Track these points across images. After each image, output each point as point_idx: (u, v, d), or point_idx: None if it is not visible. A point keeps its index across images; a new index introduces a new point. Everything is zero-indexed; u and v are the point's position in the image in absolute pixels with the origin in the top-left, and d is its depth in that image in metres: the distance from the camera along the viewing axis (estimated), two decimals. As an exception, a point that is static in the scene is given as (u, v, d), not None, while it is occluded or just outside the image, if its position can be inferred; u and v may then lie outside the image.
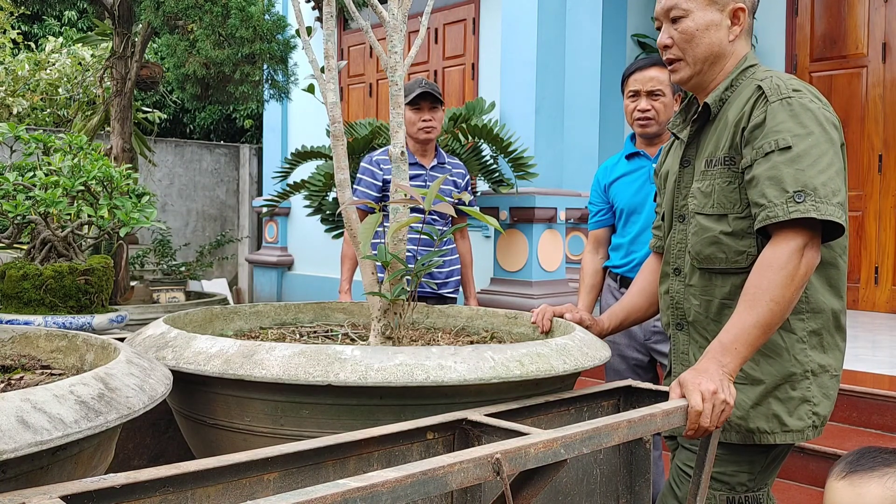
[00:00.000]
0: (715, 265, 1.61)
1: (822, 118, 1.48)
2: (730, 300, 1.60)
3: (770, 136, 1.48)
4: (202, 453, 1.54)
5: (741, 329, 1.41)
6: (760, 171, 1.48)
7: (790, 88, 1.51)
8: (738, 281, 1.57)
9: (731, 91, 1.63)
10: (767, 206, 1.45)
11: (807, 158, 1.44)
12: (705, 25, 1.61)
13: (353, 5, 1.82)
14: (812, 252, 1.43)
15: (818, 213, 1.41)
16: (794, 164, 1.44)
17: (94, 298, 2.49)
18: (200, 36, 4.60)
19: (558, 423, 1.50)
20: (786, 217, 1.42)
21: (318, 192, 4.80)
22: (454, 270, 3.35)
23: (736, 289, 1.57)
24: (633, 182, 2.61)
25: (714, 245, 1.60)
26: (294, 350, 1.38)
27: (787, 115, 1.48)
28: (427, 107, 3.15)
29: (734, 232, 1.57)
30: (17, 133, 2.55)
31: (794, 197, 1.42)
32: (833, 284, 1.58)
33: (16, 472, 0.94)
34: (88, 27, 10.22)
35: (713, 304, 1.63)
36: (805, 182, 1.42)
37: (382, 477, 0.93)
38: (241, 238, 9.55)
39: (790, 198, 1.43)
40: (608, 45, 5.47)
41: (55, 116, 8.07)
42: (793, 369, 1.55)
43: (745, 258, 1.56)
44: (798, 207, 1.42)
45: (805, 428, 1.56)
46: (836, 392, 1.61)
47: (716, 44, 1.62)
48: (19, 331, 1.53)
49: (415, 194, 1.61)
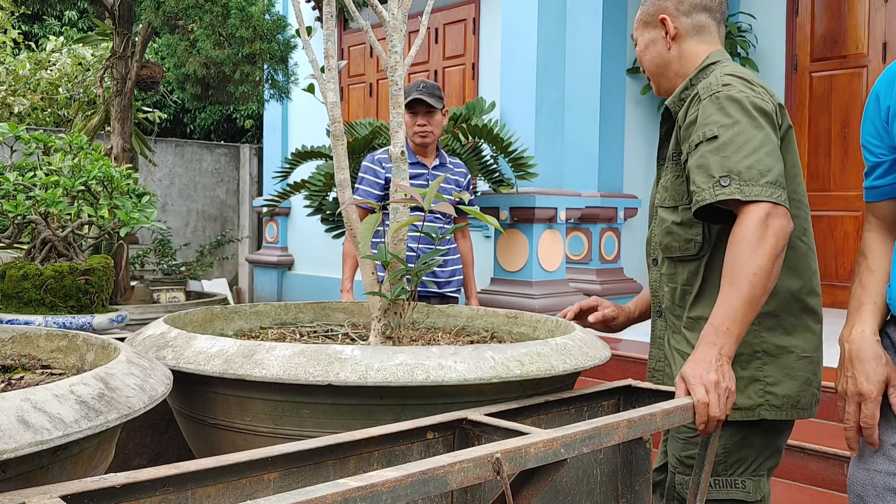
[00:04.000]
0: (672, 253, 1.72)
1: (749, 106, 1.56)
2: (688, 286, 1.69)
3: (700, 129, 1.59)
4: (202, 453, 1.54)
5: (728, 308, 1.45)
6: (692, 162, 1.59)
7: (720, 84, 1.61)
8: (692, 268, 1.68)
9: (689, 91, 1.73)
10: (697, 191, 1.55)
11: (731, 146, 1.53)
12: (645, 45, 1.83)
13: (353, 5, 1.82)
14: (779, 220, 1.48)
15: (742, 195, 1.48)
16: (719, 152, 1.53)
17: (94, 298, 2.49)
18: (200, 36, 4.60)
19: (558, 422, 1.51)
20: (712, 199, 1.51)
21: (318, 192, 4.80)
22: (457, 270, 3.36)
23: (692, 275, 1.68)
24: None
25: (669, 235, 1.72)
26: (294, 350, 1.38)
27: (714, 109, 1.58)
28: (422, 111, 3.14)
29: (682, 222, 1.68)
30: (18, 133, 2.55)
31: (720, 181, 1.51)
32: (790, 266, 1.63)
33: (16, 471, 0.94)
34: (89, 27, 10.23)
35: (677, 290, 1.73)
36: (730, 167, 1.51)
37: (382, 477, 0.93)
38: (242, 238, 9.55)
39: (716, 182, 1.51)
40: (608, 45, 5.47)
41: (55, 116, 8.07)
42: (740, 349, 1.59)
43: (693, 246, 1.67)
44: (724, 191, 1.49)
45: (755, 406, 1.60)
46: (813, 374, 1.65)
47: (657, 57, 1.81)
48: (19, 330, 1.53)
49: (415, 194, 1.61)
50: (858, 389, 1.42)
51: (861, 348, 1.43)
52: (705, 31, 1.78)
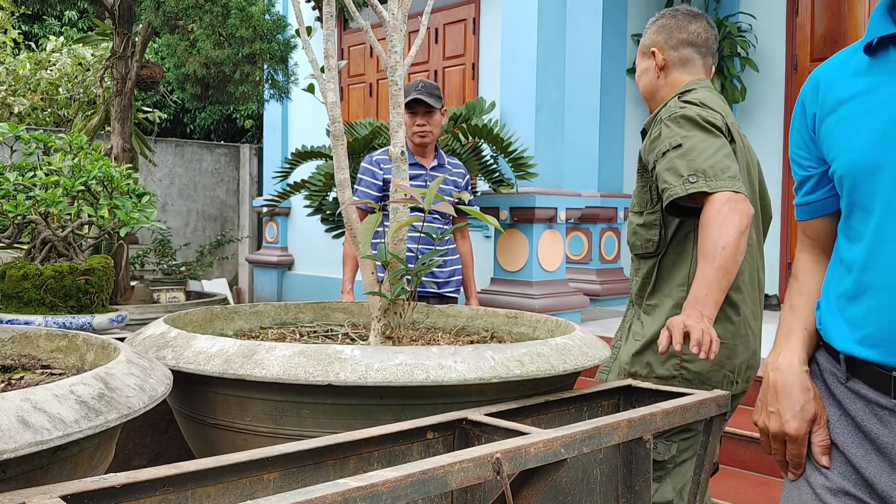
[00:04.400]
0: (637, 251, 2.02)
1: (702, 121, 1.84)
2: (648, 279, 1.99)
3: (665, 141, 1.85)
4: (202, 453, 1.54)
5: (704, 278, 1.67)
6: (661, 167, 1.83)
7: (678, 107, 1.90)
8: (651, 263, 1.98)
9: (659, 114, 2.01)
10: (668, 188, 1.79)
11: (694, 151, 1.79)
12: (641, 72, 2.12)
13: (353, 5, 1.82)
14: (741, 203, 1.70)
15: (708, 188, 1.73)
16: (685, 157, 1.79)
17: (94, 298, 2.49)
18: (200, 36, 4.60)
19: (558, 422, 1.51)
20: (683, 192, 1.76)
21: (318, 192, 4.80)
22: (456, 270, 3.35)
23: (650, 269, 1.98)
24: None
25: (634, 235, 2.02)
26: (294, 350, 1.38)
27: (675, 126, 1.86)
28: (422, 111, 3.14)
29: (644, 224, 1.98)
30: (18, 133, 2.55)
31: (689, 178, 1.76)
32: None
33: (16, 471, 0.94)
34: (89, 27, 10.22)
35: (639, 282, 2.02)
36: (695, 167, 1.76)
37: (382, 477, 0.93)
38: (242, 238, 9.55)
39: (685, 180, 1.76)
40: (608, 45, 5.47)
41: (55, 116, 8.07)
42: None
43: (651, 244, 1.97)
44: (693, 185, 1.74)
45: (670, 377, 1.89)
46: (726, 357, 1.89)
47: (649, 83, 2.09)
48: (19, 330, 1.53)
49: (415, 194, 1.61)
50: (783, 430, 1.26)
51: (788, 380, 1.27)
52: (690, 64, 2.04)
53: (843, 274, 1.24)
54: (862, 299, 1.18)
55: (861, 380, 1.21)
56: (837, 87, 1.24)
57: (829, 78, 1.26)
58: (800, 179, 1.36)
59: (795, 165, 1.36)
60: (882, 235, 1.15)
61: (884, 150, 1.14)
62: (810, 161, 1.32)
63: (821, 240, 1.37)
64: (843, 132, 1.22)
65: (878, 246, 1.15)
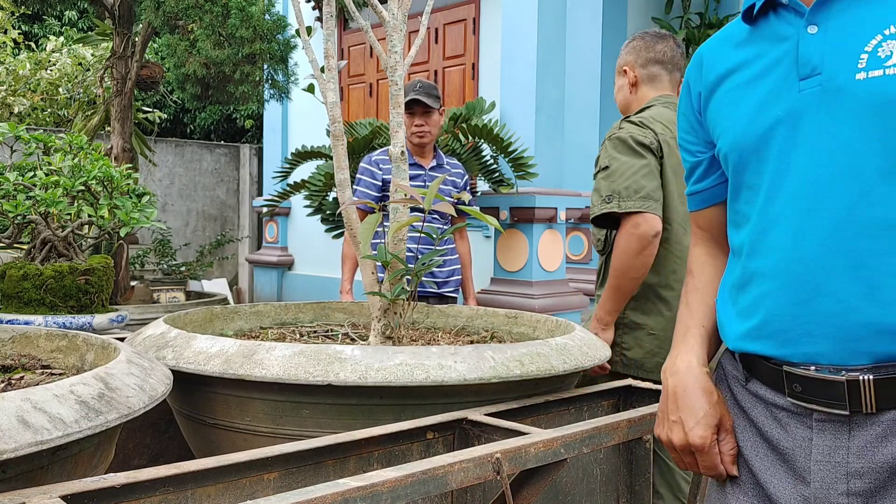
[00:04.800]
0: (596, 248, 2.33)
1: (633, 142, 2.11)
2: (600, 272, 2.30)
3: (599, 161, 2.17)
4: (202, 453, 1.54)
5: (603, 296, 2.17)
6: (593, 185, 2.18)
7: (618, 128, 2.18)
8: (601, 260, 2.30)
9: None
10: (591, 206, 2.16)
11: (615, 174, 2.09)
12: (617, 89, 2.38)
13: (353, 5, 1.82)
14: (641, 226, 2.03)
15: (619, 207, 2.05)
16: (608, 178, 2.10)
17: (94, 298, 2.48)
18: (200, 36, 4.60)
19: (558, 422, 1.50)
20: (599, 212, 2.10)
21: (318, 192, 4.80)
22: (455, 270, 3.35)
23: (601, 265, 2.30)
24: None
25: (594, 236, 2.34)
26: (294, 350, 1.38)
27: (609, 147, 2.15)
28: (420, 111, 3.14)
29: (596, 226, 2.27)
30: (18, 133, 2.55)
31: (606, 199, 2.08)
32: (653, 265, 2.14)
33: (16, 471, 0.94)
34: (89, 27, 10.22)
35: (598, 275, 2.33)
36: (613, 189, 2.07)
37: (382, 477, 0.93)
38: (242, 238, 9.55)
39: (603, 200, 2.09)
40: (608, 45, 5.46)
41: (55, 116, 8.07)
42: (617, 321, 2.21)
43: (600, 244, 2.29)
44: (607, 206, 2.07)
45: (615, 361, 2.17)
46: (658, 347, 2.15)
47: (623, 99, 2.35)
48: (19, 330, 1.53)
49: (415, 194, 1.61)
50: (687, 440, 1.11)
51: (687, 384, 1.13)
52: (658, 80, 2.28)
53: (732, 263, 1.14)
54: (749, 287, 1.07)
55: (759, 379, 1.09)
56: (720, 61, 1.15)
57: (711, 53, 1.17)
58: (689, 167, 1.26)
59: (684, 152, 1.27)
60: (768, 215, 1.04)
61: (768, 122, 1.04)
62: (698, 146, 1.23)
63: (714, 231, 1.26)
64: (726, 107, 1.12)
65: (765, 227, 1.05)
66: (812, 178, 0.99)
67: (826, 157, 0.98)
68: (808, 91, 1.00)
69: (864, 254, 0.95)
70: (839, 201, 0.96)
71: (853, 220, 0.95)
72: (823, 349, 0.98)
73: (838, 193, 0.96)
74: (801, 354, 1.00)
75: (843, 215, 0.96)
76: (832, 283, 0.97)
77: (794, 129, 1.01)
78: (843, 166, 0.96)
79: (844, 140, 0.96)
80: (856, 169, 0.95)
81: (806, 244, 0.99)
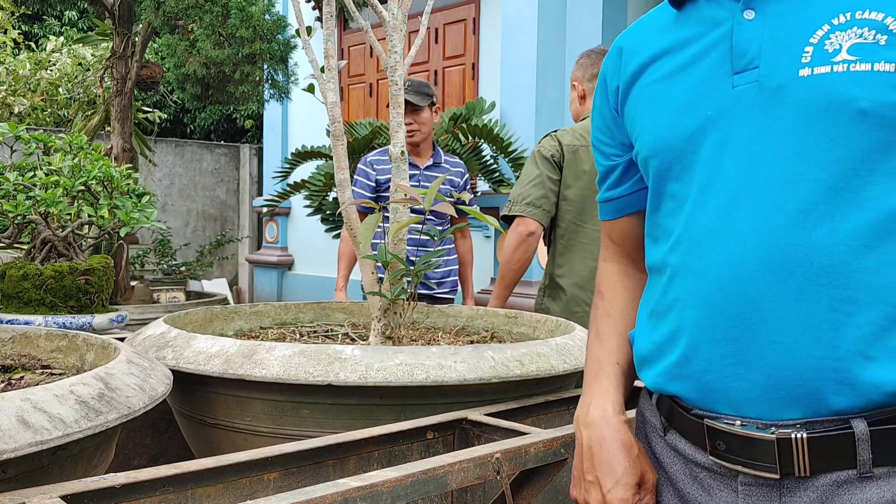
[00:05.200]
0: None
1: (538, 155, 2.52)
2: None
3: None
4: (202, 453, 1.54)
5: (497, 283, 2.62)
6: None
7: (539, 143, 2.58)
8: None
9: None
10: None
11: (518, 182, 2.54)
12: (570, 102, 2.68)
13: (353, 5, 1.82)
14: (518, 227, 2.46)
15: (509, 211, 2.50)
16: (516, 186, 2.54)
17: (94, 298, 2.48)
18: (200, 36, 4.60)
19: (558, 422, 1.50)
20: (503, 214, 2.54)
21: (318, 192, 4.80)
22: (451, 271, 3.33)
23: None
24: None
25: None
26: (294, 350, 1.38)
27: (529, 158, 2.58)
28: (409, 110, 3.14)
29: None
30: (18, 133, 2.55)
31: (509, 202, 2.51)
32: (555, 258, 2.56)
33: (16, 471, 0.94)
34: (89, 27, 10.22)
35: None
36: (513, 195, 2.51)
37: (382, 477, 0.93)
38: (242, 238, 9.55)
39: (507, 203, 2.52)
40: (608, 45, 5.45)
41: (55, 116, 8.07)
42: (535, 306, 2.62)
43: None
44: (506, 209, 2.51)
45: None
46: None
47: (574, 110, 2.67)
48: (19, 330, 1.53)
49: (415, 194, 1.61)
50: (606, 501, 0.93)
51: (603, 437, 0.96)
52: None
53: (651, 284, 0.97)
54: (669, 315, 0.90)
55: (678, 431, 0.92)
56: (641, 49, 0.97)
57: (632, 43, 1.00)
58: (603, 171, 1.09)
59: (597, 154, 1.09)
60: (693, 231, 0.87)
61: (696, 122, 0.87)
62: (613, 147, 1.06)
63: (629, 245, 1.08)
64: (647, 103, 0.95)
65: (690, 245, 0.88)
66: (744, 192, 0.83)
67: (761, 167, 0.82)
68: (742, 87, 0.84)
69: (802, 284, 0.79)
70: (775, 220, 0.80)
71: (790, 244, 0.79)
72: (751, 396, 0.82)
73: (774, 211, 0.81)
74: (725, 402, 0.85)
75: (780, 237, 0.80)
76: (764, 317, 0.81)
77: (726, 132, 0.85)
78: (781, 178, 0.81)
79: (783, 147, 0.81)
80: (795, 182, 0.80)
81: (736, 270, 0.82)
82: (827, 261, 0.78)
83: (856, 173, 0.78)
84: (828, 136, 0.78)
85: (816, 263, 0.78)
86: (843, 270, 0.78)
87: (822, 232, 0.78)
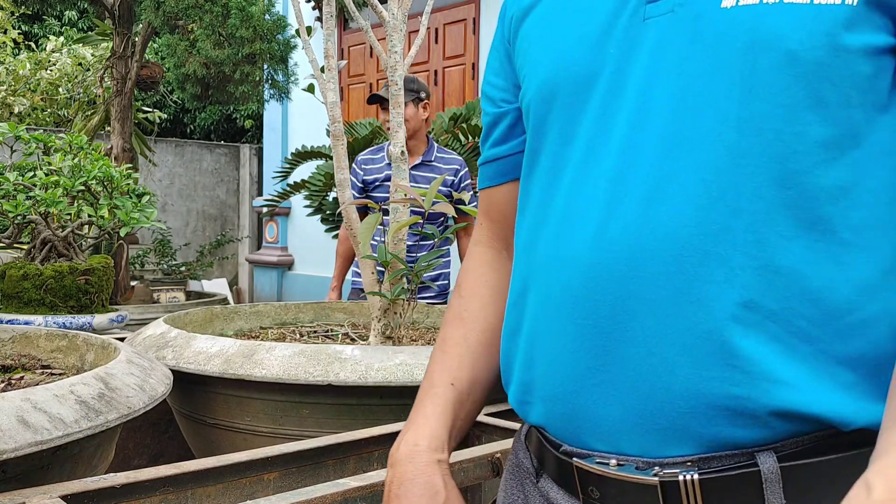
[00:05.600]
0: None
1: None
2: None
3: None
4: (202, 453, 1.54)
5: None
6: None
7: None
8: None
9: None
10: None
11: None
12: None
13: (353, 5, 1.82)
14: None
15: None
16: None
17: (94, 298, 2.48)
18: (200, 36, 4.60)
19: (558, 422, 1.50)
20: None
21: (318, 191, 4.80)
22: (442, 274, 3.25)
23: None
24: None
25: None
26: (294, 350, 1.38)
27: None
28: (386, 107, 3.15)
29: None
30: (18, 133, 2.55)
31: None
32: None
33: (16, 471, 0.94)
34: (89, 27, 10.22)
35: None
36: None
37: (382, 476, 0.93)
38: (242, 238, 9.55)
39: None
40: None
41: (55, 116, 8.07)
42: None
43: None
44: None
45: None
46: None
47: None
48: (19, 330, 1.53)
49: (415, 195, 1.61)
50: None
51: (404, 478, 0.74)
52: None
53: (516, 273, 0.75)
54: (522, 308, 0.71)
55: (549, 473, 0.70)
56: None
57: None
58: (489, 122, 0.84)
59: (485, 102, 0.85)
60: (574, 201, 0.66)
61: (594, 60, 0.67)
62: (505, 92, 0.82)
63: (508, 223, 0.80)
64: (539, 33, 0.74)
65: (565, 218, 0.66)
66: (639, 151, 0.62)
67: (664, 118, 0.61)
68: (655, 19, 0.64)
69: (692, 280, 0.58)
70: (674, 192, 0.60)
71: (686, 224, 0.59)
72: (627, 426, 0.61)
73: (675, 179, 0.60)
74: (597, 434, 0.63)
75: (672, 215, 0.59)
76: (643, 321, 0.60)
77: (626, 74, 0.64)
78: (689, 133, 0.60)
79: (696, 92, 0.60)
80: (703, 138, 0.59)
81: (612, 254, 0.61)
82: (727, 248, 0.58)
83: None
84: (750, 78, 0.59)
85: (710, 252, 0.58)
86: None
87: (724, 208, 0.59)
